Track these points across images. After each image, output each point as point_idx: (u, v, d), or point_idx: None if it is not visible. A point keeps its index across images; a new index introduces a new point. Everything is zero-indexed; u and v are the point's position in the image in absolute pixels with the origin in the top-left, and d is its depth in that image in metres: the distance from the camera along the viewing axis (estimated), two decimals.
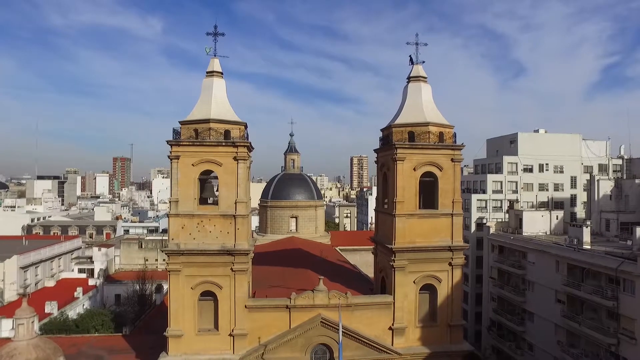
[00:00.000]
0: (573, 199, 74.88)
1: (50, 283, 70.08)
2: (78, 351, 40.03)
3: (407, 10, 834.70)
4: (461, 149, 39.59)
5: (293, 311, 36.87)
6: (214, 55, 38.90)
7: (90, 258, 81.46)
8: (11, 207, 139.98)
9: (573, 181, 75.38)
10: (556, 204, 72.57)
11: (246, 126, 37.91)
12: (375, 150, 43.75)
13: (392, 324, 38.17)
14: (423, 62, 41.65)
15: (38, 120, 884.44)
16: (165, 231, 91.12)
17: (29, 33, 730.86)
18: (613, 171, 75.36)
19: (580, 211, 73.63)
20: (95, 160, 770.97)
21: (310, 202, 74.57)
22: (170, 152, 36.06)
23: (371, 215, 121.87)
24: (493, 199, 73.29)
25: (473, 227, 71.49)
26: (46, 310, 55.26)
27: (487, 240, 65.57)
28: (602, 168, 75.85)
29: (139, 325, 51.02)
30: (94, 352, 40.28)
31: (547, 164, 74.44)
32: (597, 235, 56.93)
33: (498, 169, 75.19)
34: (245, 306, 36.24)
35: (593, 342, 44.09)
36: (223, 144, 36.21)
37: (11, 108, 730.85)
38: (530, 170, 74.22)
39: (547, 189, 74.26)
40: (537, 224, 60.80)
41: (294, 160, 78.92)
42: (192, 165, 36.22)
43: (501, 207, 72.87)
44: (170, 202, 36.52)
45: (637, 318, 39.51)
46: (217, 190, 38.00)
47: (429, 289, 39.57)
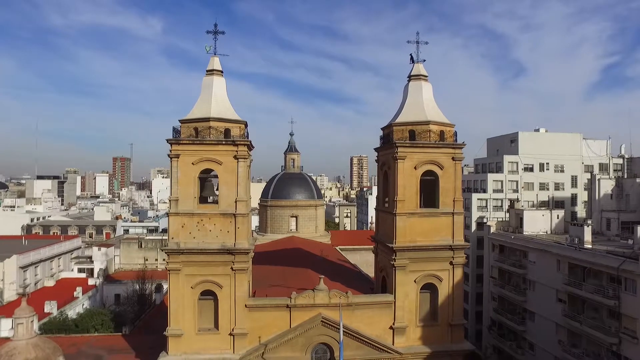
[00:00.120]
0: (574, 199, 74.81)
1: (49, 283, 69.89)
2: (77, 351, 39.90)
3: (407, 10, 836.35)
4: (462, 148, 39.47)
5: (293, 310, 36.73)
6: (214, 53, 38.78)
7: (89, 258, 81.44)
8: (11, 207, 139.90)
9: (574, 180, 75.34)
10: (557, 204, 72.49)
11: (246, 125, 37.76)
12: (375, 149, 43.60)
13: (393, 324, 38.05)
14: (424, 61, 41.59)
15: (38, 120, 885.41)
16: (165, 231, 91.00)
17: (29, 33, 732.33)
18: (614, 170, 75.29)
19: (580, 210, 73.53)
20: (95, 160, 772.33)
21: (310, 202, 74.44)
22: (170, 151, 35.91)
23: (371, 214, 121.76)
24: (493, 198, 73.25)
25: (474, 227, 71.40)
26: (46, 309, 55.11)
27: (488, 239, 65.42)
28: (603, 167, 75.82)
29: (139, 325, 50.88)
30: (94, 352, 40.15)
31: (548, 163, 74.42)
32: (598, 234, 56.83)
33: (499, 168, 75.14)
34: (245, 305, 36.10)
35: (594, 342, 43.96)
36: (223, 143, 36.06)
37: (11, 108, 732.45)
38: (530, 169, 74.16)
39: (548, 188, 74.22)
40: (538, 224, 60.69)
41: (294, 159, 78.76)
42: (192, 163, 36.07)
43: (502, 207, 72.80)
44: (170, 201, 36.36)
45: (639, 317, 39.39)
46: (217, 189, 37.86)
47: (430, 288, 39.44)
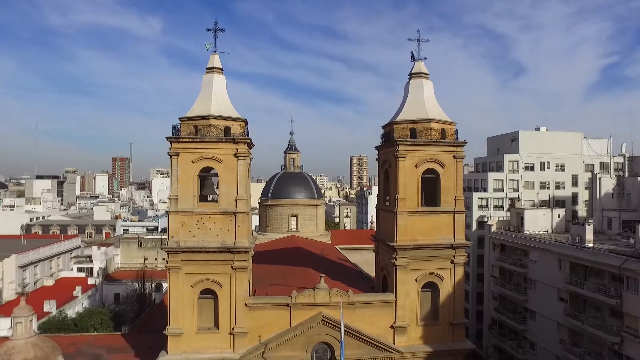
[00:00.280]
0: (574, 198, 74.61)
1: (49, 282, 69.69)
2: (77, 350, 39.70)
3: (407, 10, 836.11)
4: (463, 146, 39.24)
5: (294, 309, 36.51)
6: (214, 51, 38.51)
7: (89, 257, 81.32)
8: (10, 207, 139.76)
9: (574, 179, 75.16)
10: (557, 203, 72.30)
11: (246, 122, 37.51)
12: (376, 147, 43.38)
13: (394, 323, 37.82)
14: (425, 59, 41.37)
15: (38, 120, 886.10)
16: (164, 230, 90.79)
17: (29, 33, 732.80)
18: (614, 169, 75.10)
19: (581, 210, 73.36)
20: (94, 160, 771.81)
21: (310, 201, 74.22)
22: (170, 149, 35.68)
23: (371, 214, 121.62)
24: (494, 198, 73.08)
25: (474, 226, 71.19)
26: (45, 309, 54.91)
27: (489, 238, 65.21)
28: (604, 166, 75.66)
29: (138, 324, 50.67)
30: (93, 351, 39.95)
31: (549, 162, 74.24)
32: (599, 233, 56.68)
33: (499, 167, 74.95)
34: (245, 304, 35.88)
35: (596, 341, 43.77)
36: (223, 141, 35.83)
37: (11, 108, 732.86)
38: (531, 168, 73.98)
39: (549, 187, 74.04)
40: (539, 223, 60.49)
41: (294, 158, 78.51)
42: (192, 162, 35.84)
43: (502, 206, 72.62)
44: (169, 199, 36.13)
45: None
46: (217, 187, 37.64)
47: (431, 287, 39.20)
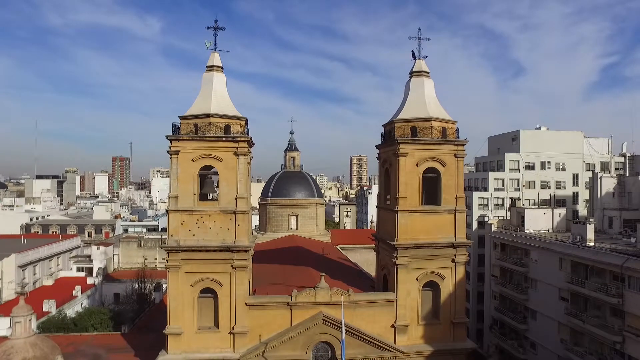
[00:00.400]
0: (575, 197, 74.41)
1: (48, 282, 69.53)
2: (76, 350, 39.54)
3: (407, 10, 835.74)
4: (464, 144, 39.13)
5: (294, 309, 36.40)
6: (214, 49, 38.41)
7: (89, 257, 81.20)
8: (10, 207, 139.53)
9: (575, 179, 74.96)
10: (558, 202, 72.10)
11: (247, 121, 37.36)
12: (377, 145, 43.23)
13: (395, 322, 37.71)
14: (426, 57, 41.28)
15: (37, 120, 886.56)
16: (164, 230, 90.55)
17: (28, 33, 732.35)
18: (615, 169, 74.93)
19: (582, 209, 73.17)
20: (94, 160, 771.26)
21: (310, 200, 74.02)
22: (169, 147, 35.55)
23: (371, 213, 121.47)
24: (495, 197, 72.86)
25: (475, 225, 70.99)
26: (44, 309, 54.75)
27: (489, 237, 65.02)
28: (604, 165, 75.48)
29: (138, 323, 50.50)
30: (93, 351, 39.77)
31: (549, 162, 74.02)
32: (600, 232, 56.50)
33: (500, 167, 74.77)
34: (245, 303, 35.76)
35: (597, 340, 43.57)
36: (223, 139, 35.70)
37: (10, 108, 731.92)
38: (532, 167, 73.79)
39: (549, 187, 73.83)
40: (540, 222, 60.28)
41: (294, 158, 78.30)
42: (192, 160, 35.73)
43: (503, 205, 72.42)
44: (169, 198, 35.99)
45: None
46: (217, 186, 37.49)
47: (432, 286, 39.12)
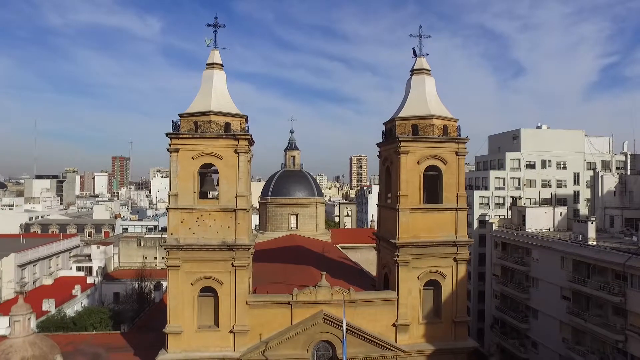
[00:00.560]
0: (576, 196, 74.21)
1: (48, 281, 69.32)
2: (75, 349, 39.34)
3: (407, 10, 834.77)
4: (465, 142, 38.95)
5: (295, 307, 36.21)
6: (214, 47, 38.21)
7: (88, 256, 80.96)
8: (9, 206, 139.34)
9: (576, 177, 74.73)
10: (559, 201, 71.94)
11: (247, 119, 37.19)
12: (378, 144, 43.02)
13: (396, 321, 37.52)
14: (427, 55, 41.11)
15: (37, 119, 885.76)
16: (164, 229, 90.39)
17: (28, 33, 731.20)
18: (616, 167, 74.71)
19: (583, 208, 72.96)
20: (94, 159, 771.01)
21: (310, 200, 73.74)
22: (169, 145, 35.35)
23: (372, 213, 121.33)
24: (495, 196, 72.65)
25: (475, 224, 70.74)
26: (44, 308, 54.56)
27: (490, 236, 64.82)
28: (605, 164, 75.24)
29: (138, 323, 50.30)
30: (92, 350, 39.60)
31: (550, 160, 73.81)
32: (602, 231, 56.30)
33: (500, 166, 74.55)
34: (246, 302, 35.58)
35: (599, 339, 43.38)
36: (223, 137, 35.53)
37: (10, 108, 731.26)
38: (532, 166, 73.57)
39: (550, 186, 73.62)
40: (541, 221, 60.12)
41: (294, 157, 78.01)
42: (192, 158, 35.54)
43: (504, 204, 72.23)
44: (169, 196, 35.80)
45: None
46: (217, 184, 37.28)
47: (433, 285, 38.94)
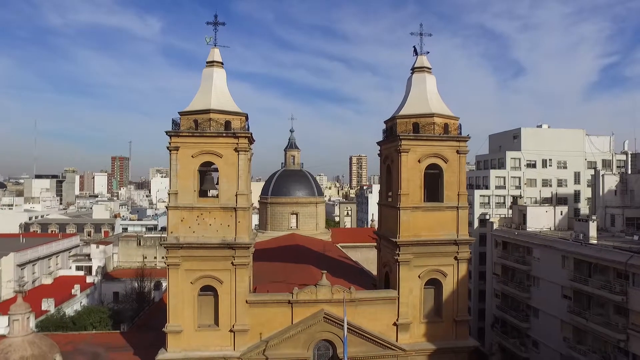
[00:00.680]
0: (577, 195, 74.11)
1: (47, 281, 69.04)
2: (75, 348, 39.11)
3: (407, 10, 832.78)
4: (467, 141, 38.82)
5: (295, 306, 36.05)
6: (214, 44, 38.06)
7: (88, 256, 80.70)
8: (9, 206, 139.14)
9: (577, 177, 74.63)
10: (559, 200, 71.81)
11: (247, 117, 37.05)
12: (378, 142, 42.88)
13: (397, 320, 37.38)
14: (427, 53, 41.00)
15: (37, 119, 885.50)
16: (164, 229, 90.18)
17: (28, 33, 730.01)
18: (617, 166, 74.58)
19: (584, 207, 72.83)
20: (93, 159, 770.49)
21: (310, 199, 73.58)
22: (169, 143, 35.19)
23: (372, 212, 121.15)
24: (496, 195, 72.52)
25: (476, 223, 70.59)
26: (43, 307, 54.27)
27: (491, 236, 64.67)
28: (606, 163, 75.13)
29: (137, 322, 50.10)
30: (91, 349, 39.33)
31: (551, 160, 73.73)
32: (603, 230, 56.16)
33: (501, 165, 74.41)
34: (246, 301, 35.43)
35: (601, 338, 43.22)
36: (224, 135, 35.38)
37: (10, 108, 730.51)
38: (533, 165, 73.45)
39: (551, 185, 73.52)
40: (541, 220, 59.98)
41: (294, 156, 77.84)
42: (192, 156, 35.39)
43: (504, 203, 72.10)
44: (169, 195, 35.65)
45: None
46: (217, 182, 37.13)
47: (434, 284, 38.81)
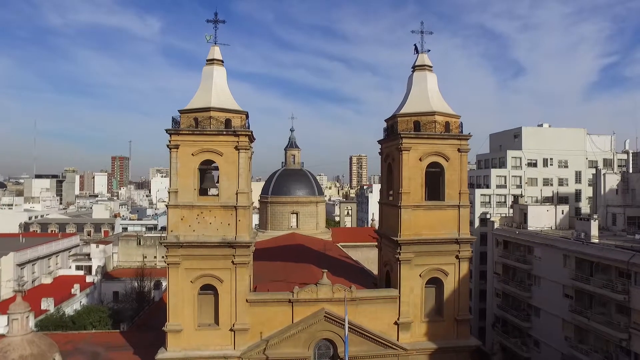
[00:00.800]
0: (578, 194, 74.00)
1: (47, 280, 68.86)
2: (74, 347, 38.99)
3: (407, 10, 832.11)
4: (468, 139, 38.58)
5: (296, 305, 35.86)
6: (215, 42, 37.85)
7: (88, 255, 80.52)
8: (9, 206, 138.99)
9: (578, 176, 74.52)
10: (560, 199, 71.72)
11: (247, 115, 36.84)
12: (379, 141, 42.69)
13: (398, 319, 37.18)
14: (428, 51, 40.74)
15: (36, 119, 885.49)
16: (164, 229, 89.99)
17: (28, 33, 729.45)
18: (618, 166, 74.45)
19: (584, 206, 72.73)
20: (93, 159, 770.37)
21: (310, 198, 73.42)
22: (169, 141, 35.00)
23: (372, 212, 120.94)
24: (497, 194, 72.38)
25: (477, 223, 70.47)
26: (43, 307, 54.12)
27: (492, 235, 64.53)
28: (607, 163, 75.00)
29: (137, 321, 49.93)
30: (91, 349, 39.23)
31: (552, 159, 73.65)
32: (604, 229, 56.04)
33: (502, 164, 74.30)
34: (246, 300, 35.23)
35: (603, 338, 43.10)
36: (224, 133, 35.17)
37: (10, 108, 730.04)
38: (534, 164, 73.33)
39: (552, 184, 73.44)
40: (542, 219, 59.88)
41: (295, 155, 77.68)
42: (192, 154, 35.18)
43: (505, 202, 71.98)
44: (169, 193, 35.45)
45: None
46: (218, 181, 36.95)
47: (435, 283, 38.60)
